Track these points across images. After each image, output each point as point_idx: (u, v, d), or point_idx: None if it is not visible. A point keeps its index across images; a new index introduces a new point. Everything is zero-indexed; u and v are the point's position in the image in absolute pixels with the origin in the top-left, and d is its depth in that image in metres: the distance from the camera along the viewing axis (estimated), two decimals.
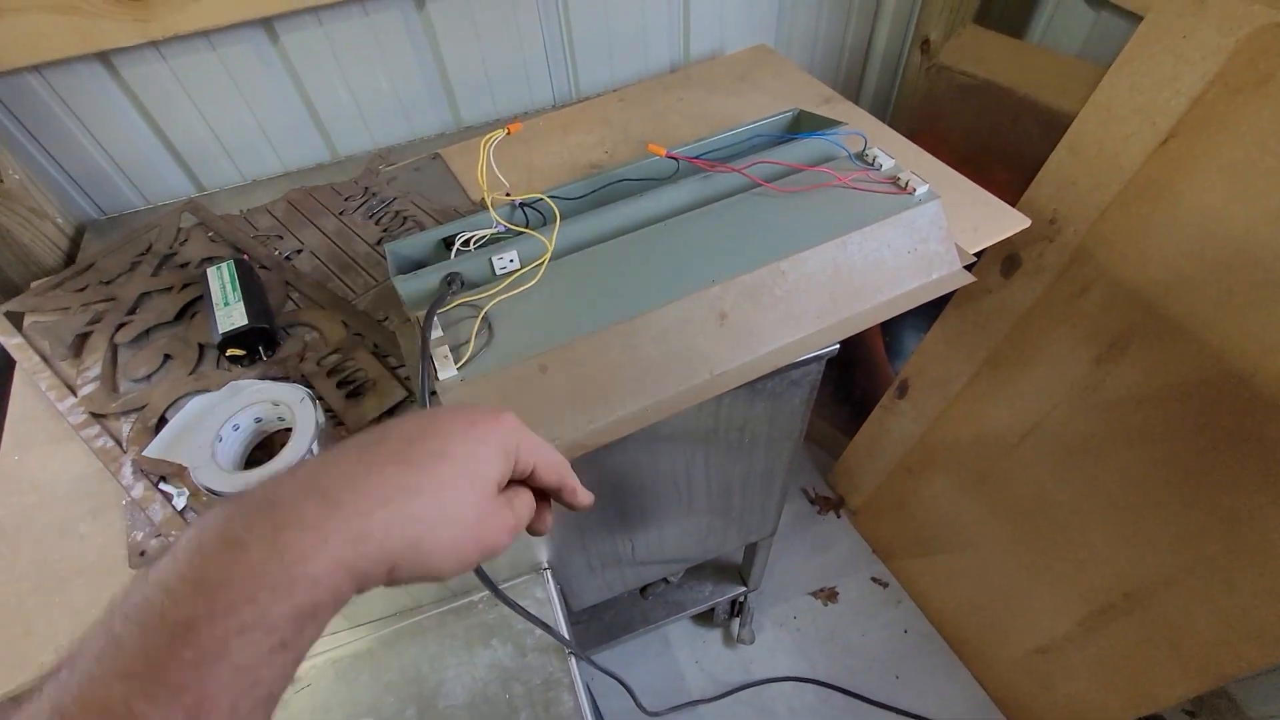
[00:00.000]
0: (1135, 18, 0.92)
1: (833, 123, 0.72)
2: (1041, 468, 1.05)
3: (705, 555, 1.05)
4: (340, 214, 0.82)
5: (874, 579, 1.43)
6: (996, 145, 1.01)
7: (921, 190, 0.66)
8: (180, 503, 0.57)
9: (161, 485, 0.58)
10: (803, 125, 0.76)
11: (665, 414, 0.59)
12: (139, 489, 0.57)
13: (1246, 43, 0.73)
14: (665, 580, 1.23)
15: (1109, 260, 0.89)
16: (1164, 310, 0.84)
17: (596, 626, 1.23)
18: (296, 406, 0.56)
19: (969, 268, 0.69)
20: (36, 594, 0.52)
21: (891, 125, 0.87)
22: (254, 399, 0.57)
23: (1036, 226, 0.96)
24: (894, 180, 0.68)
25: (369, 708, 0.75)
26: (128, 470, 0.58)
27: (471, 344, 0.57)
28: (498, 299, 0.59)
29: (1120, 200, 0.86)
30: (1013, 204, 0.77)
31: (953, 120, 1.05)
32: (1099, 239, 0.89)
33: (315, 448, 0.54)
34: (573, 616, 1.20)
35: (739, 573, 1.26)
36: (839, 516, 1.52)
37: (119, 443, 0.61)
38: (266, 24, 0.81)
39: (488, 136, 0.62)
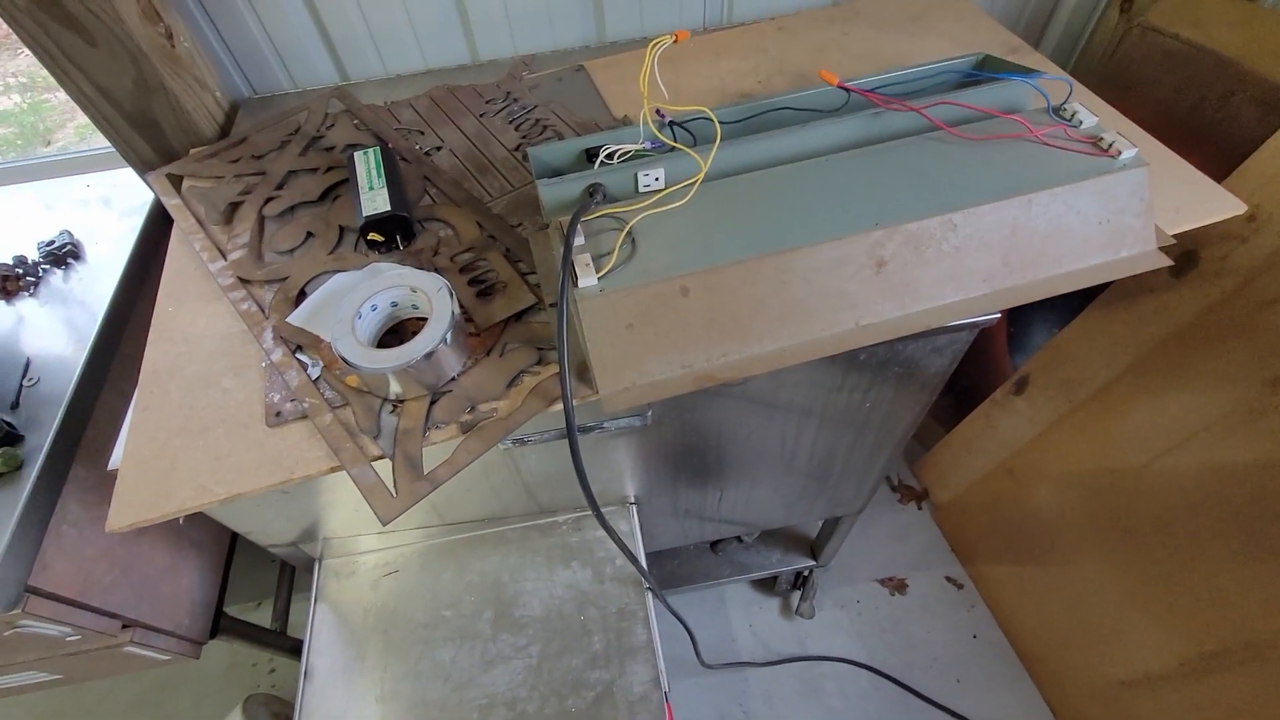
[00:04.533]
0: None
1: (1026, 68, 0.64)
2: (1174, 492, 0.96)
3: (786, 521, 1.02)
4: (481, 116, 0.81)
5: (948, 578, 1.36)
6: (1196, 123, 0.89)
7: (1127, 154, 0.58)
8: (314, 373, 0.58)
9: (298, 354, 0.59)
10: (989, 71, 0.68)
11: (803, 358, 0.56)
12: (278, 354, 0.59)
13: None
14: (739, 539, 1.21)
15: None
16: None
17: (657, 572, 1.23)
18: (434, 295, 0.55)
19: (1166, 252, 0.61)
20: (183, 435, 0.55)
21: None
22: (394, 282, 0.57)
23: (1229, 222, 0.84)
24: (1094, 141, 0.60)
25: (449, 603, 0.77)
26: (268, 336, 0.60)
27: (615, 255, 0.54)
28: (644, 214, 0.57)
29: None
30: None
31: (1146, 91, 0.93)
32: None
33: (449, 338, 0.53)
34: None
35: (810, 546, 1.23)
36: (920, 508, 1.45)
37: (262, 309, 0.62)
38: None
39: (655, 41, 0.59)
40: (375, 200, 0.65)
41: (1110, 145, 0.59)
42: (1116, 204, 0.59)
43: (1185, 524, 0.95)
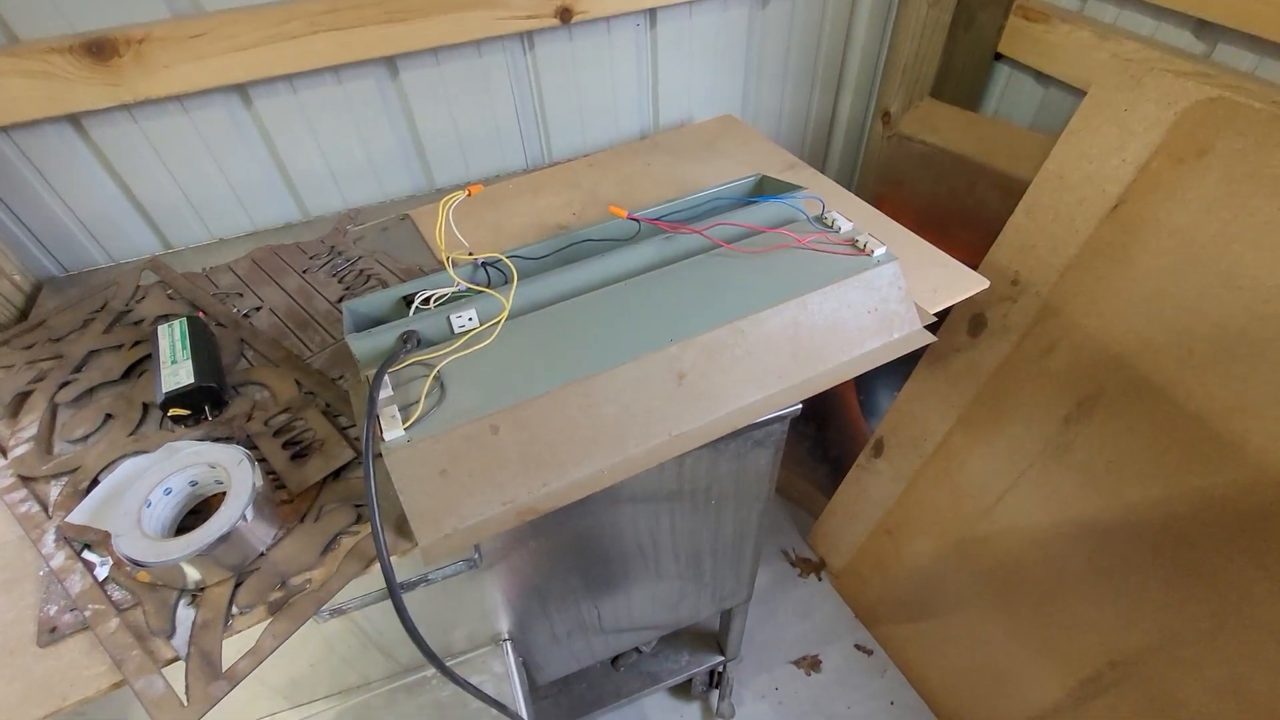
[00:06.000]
0: (1081, 93, 0.97)
1: (792, 187, 0.74)
2: (1020, 529, 1.03)
3: (679, 623, 1.00)
4: (304, 272, 0.81)
5: (858, 646, 1.37)
6: (957, 209, 1.04)
7: (879, 252, 0.67)
8: (103, 573, 0.53)
9: (85, 554, 0.54)
10: (765, 190, 0.78)
11: (622, 476, 0.57)
12: (59, 558, 0.54)
13: (1185, 116, 0.77)
14: (638, 650, 1.17)
15: (1072, 320, 0.90)
16: (1129, 370, 0.85)
17: (566, 700, 1.16)
18: (233, 469, 0.53)
19: (931, 328, 0.69)
20: None
21: (858, 192, 0.89)
22: (190, 461, 0.54)
23: (999, 287, 0.97)
24: (852, 242, 0.69)
25: None
26: (50, 538, 0.55)
27: (421, 403, 0.55)
28: (452, 357, 0.58)
29: (1078, 263, 0.88)
30: (976, 265, 0.78)
31: (915, 186, 1.08)
32: (1061, 299, 0.91)
33: (249, 513, 0.51)
34: (540, 690, 1.14)
35: (717, 640, 1.21)
36: (820, 579, 1.47)
37: (45, 508, 0.57)
38: (240, 90, 0.83)
39: (447, 198, 0.63)
40: (178, 374, 0.63)
41: (865, 245, 0.68)
42: (879, 294, 0.67)
43: (1036, 557, 1.02)
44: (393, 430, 0.53)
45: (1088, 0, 0.96)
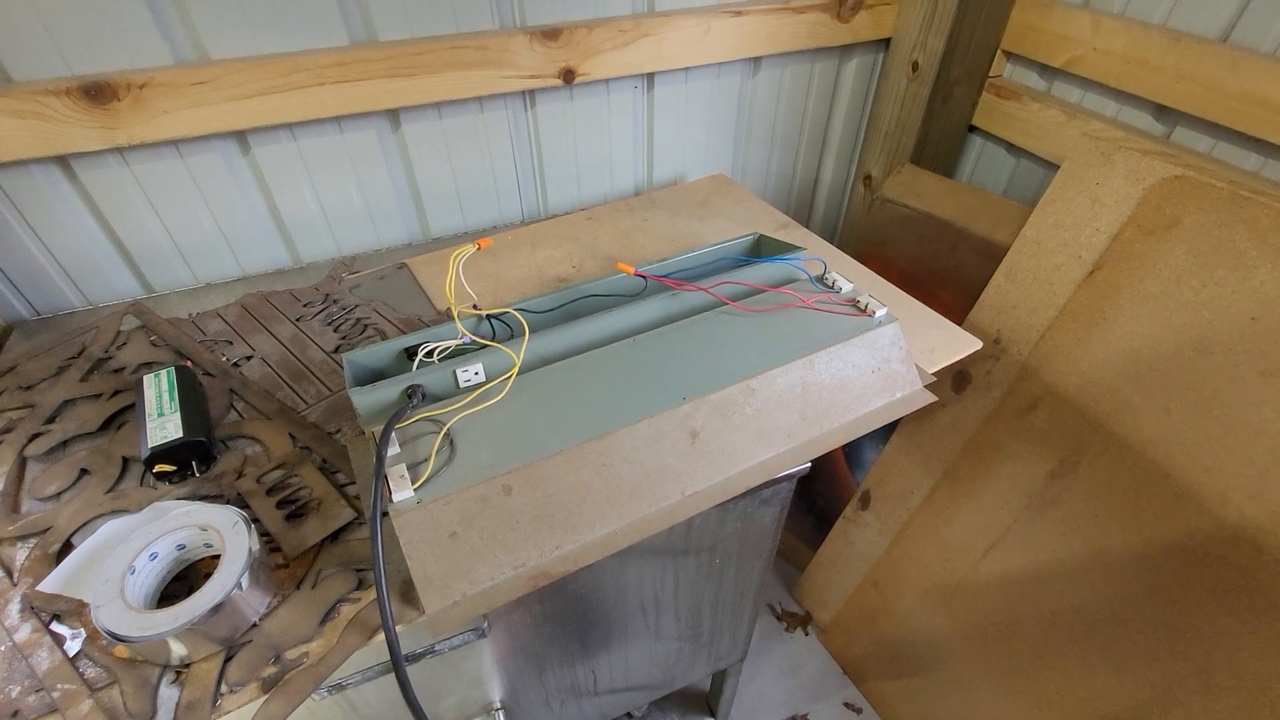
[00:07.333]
0: (1050, 164, 1.03)
1: (790, 247, 0.76)
2: (1008, 583, 1.04)
3: (672, 685, 0.97)
4: (297, 320, 0.79)
5: (847, 704, 1.34)
6: (938, 270, 1.08)
7: (881, 313, 0.69)
8: (74, 647, 0.49)
9: (54, 626, 0.50)
10: (763, 248, 0.80)
11: (636, 538, 0.56)
12: (25, 631, 0.49)
13: (1152, 191, 0.82)
14: (629, 715, 1.12)
15: (1053, 378, 0.93)
16: (1109, 427, 0.88)
17: None
18: (228, 532, 0.50)
19: (930, 387, 0.71)
20: None
21: (839, 249, 0.92)
22: (180, 523, 0.51)
23: (983, 346, 1.01)
24: (854, 303, 0.71)
25: None
26: (14, 608, 0.51)
27: (431, 462, 0.53)
28: (462, 414, 0.57)
29: (1057, 324, 0.92)
30: (958, 324, 0.81)
31: (897, 247, 1.13)
32: (1042, 359, 0.94)
33: (245, 581, 0.48)
34: None
35: (706, 702, 1.17)
36: (807, 634, 1.45)
37: (9, 574, 0.53)
38: (239, 136, 0.82)
39: (457, 251, 0.62)
40: (165, 427, 0.60)
41: (866, 306, 0.70)
42: (881, 354, 0.68)
43: (1024, 613, 1.03)
44: (401, 491, 0.51)
45: (1054, 82, 1.03)
